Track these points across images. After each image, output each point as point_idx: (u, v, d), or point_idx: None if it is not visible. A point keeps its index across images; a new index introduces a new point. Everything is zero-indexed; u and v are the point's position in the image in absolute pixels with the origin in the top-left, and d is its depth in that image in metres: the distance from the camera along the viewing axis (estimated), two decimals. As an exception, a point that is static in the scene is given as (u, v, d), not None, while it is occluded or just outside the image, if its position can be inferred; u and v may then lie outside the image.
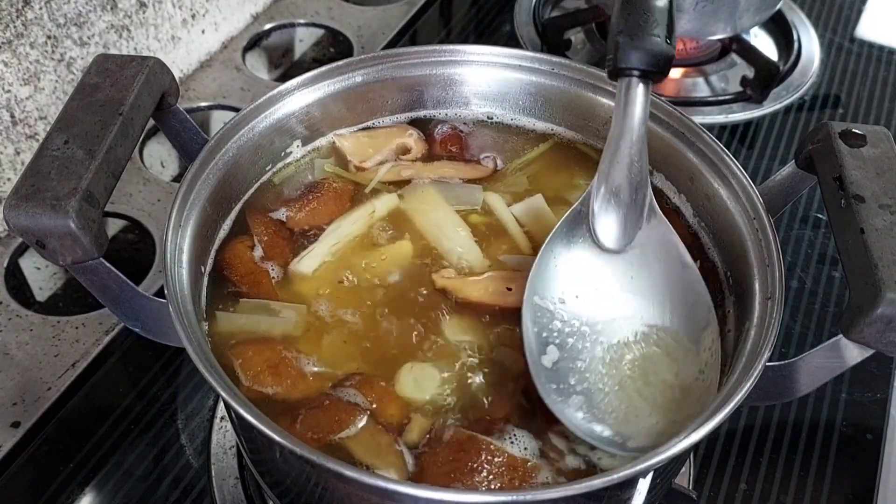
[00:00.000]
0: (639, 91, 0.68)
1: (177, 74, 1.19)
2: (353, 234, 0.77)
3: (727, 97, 1.27)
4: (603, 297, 0.70)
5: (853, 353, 0.60)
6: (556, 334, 0.68)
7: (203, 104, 1.21)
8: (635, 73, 0.67)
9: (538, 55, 0.83)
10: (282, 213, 0.78)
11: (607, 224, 0.70)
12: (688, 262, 0.70)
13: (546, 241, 0.71)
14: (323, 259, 0.75)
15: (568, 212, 0.72)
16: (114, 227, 1.10)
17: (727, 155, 0.74)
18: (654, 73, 0.67)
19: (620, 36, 0.67)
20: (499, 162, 0.85)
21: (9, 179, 1.01)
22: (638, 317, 0.69)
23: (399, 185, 0.82)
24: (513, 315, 0.70)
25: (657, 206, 0.71)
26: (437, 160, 0.84)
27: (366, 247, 0.77)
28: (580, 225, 0.71)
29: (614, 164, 0.69)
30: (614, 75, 0.69)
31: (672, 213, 0.80)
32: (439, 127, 0.87)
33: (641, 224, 0.71)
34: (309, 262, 0.75)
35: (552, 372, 0.66)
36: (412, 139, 0.85)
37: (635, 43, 0.66)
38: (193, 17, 1.22)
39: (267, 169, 0.80)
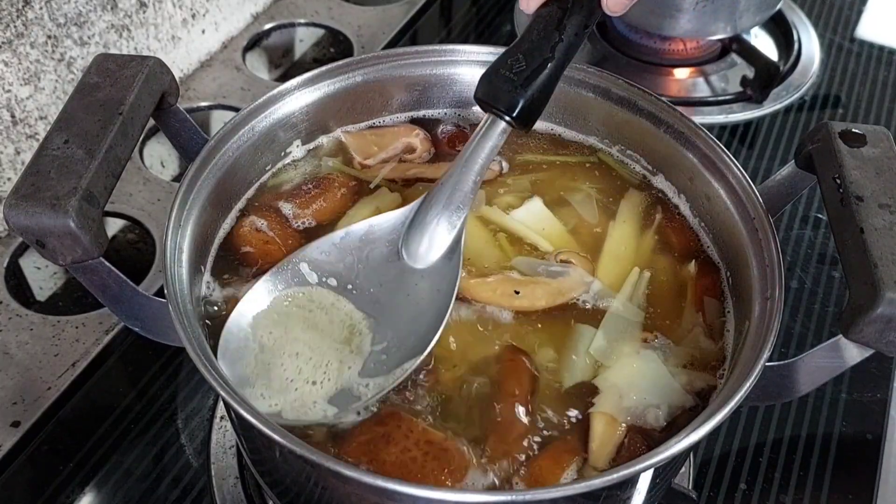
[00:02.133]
0: (493, 128, 0.68)
1: (177, 74, 1.19)
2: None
3: (727, 97, 1.27)
4: (374, 293, 0.70)
5: (853, 353, 0.60)
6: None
7: (203, 104, 1.21)
8: (483, 105, 0.67)
9: (538, 55, 0.83)
10: (287, 210, 0.78)
11: (416, 236, 0.71)
12: (448, 308, 0.68)
13: (346, 227, 0.72)
14: None
15: (390, 213, 0.73)
16: (114, 226, 1.09)
17: (727, 155, 0.74)
18: (505, 114, 0.66)
19: (488, 67, 0.67)
20: (504, 164, 0.84)
21: (9, 179, 1.01)
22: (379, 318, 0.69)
23: (403, 183, 0.82)
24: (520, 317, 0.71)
25: (462, 248, 0.71)
26: (442, 160, 0.84)
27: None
28: (394, 230, 0.72)
29: (447, 183, 0.70)
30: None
31: (672, 213, 0.80)
32: (442, 126, 0.87)
33: (444, 250, 0.71)
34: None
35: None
36: (418, 139, 0.85)
37: (490, 78, 0.67)
38: (193, 16, 1.22)
39: (267, 168, 0.80)
